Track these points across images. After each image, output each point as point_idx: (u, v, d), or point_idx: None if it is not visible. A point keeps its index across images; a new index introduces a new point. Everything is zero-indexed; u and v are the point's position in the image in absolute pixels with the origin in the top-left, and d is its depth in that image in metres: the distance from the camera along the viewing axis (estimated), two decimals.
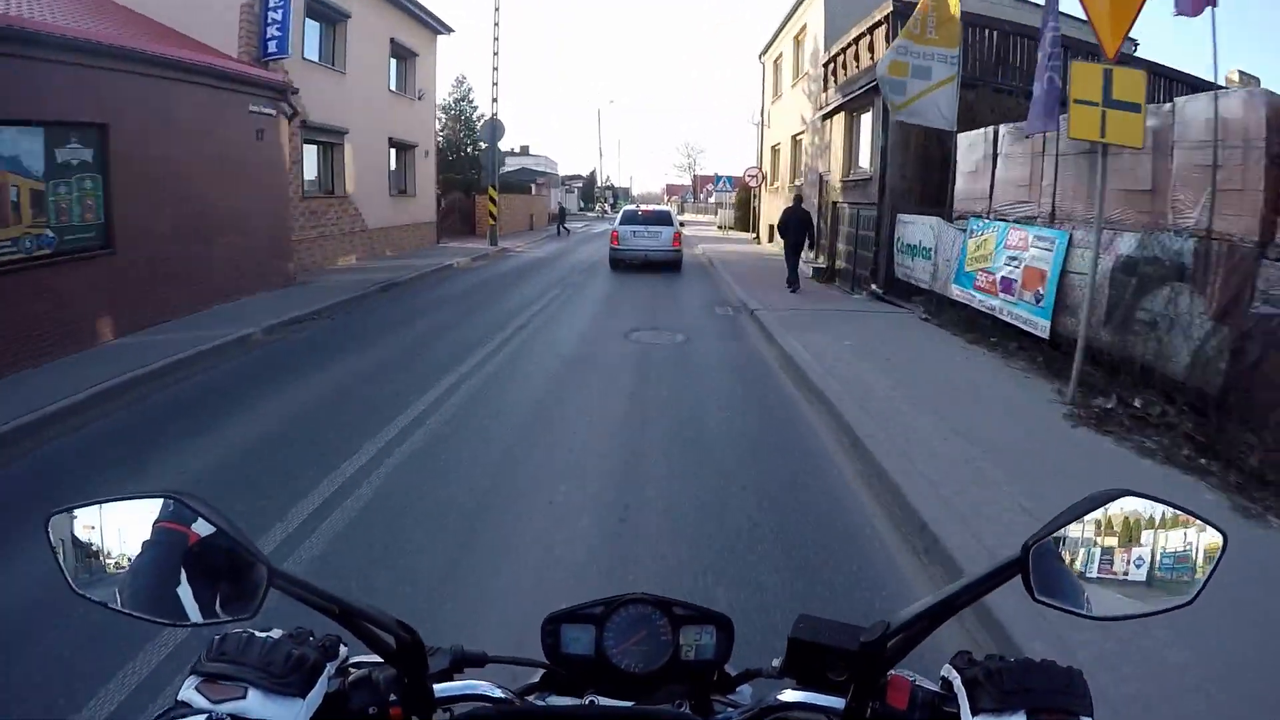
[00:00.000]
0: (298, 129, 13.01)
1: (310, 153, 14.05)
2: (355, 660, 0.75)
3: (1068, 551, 0.68)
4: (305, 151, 13.61)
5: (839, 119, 12.68)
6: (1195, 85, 9.24)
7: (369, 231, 15.86)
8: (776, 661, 0.78)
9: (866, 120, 11.59)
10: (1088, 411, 5.11)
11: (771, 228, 21.39)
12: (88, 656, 2.46)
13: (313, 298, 10.05)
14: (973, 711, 0.63)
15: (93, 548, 0.67)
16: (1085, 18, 5.15)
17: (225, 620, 0.66)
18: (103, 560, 0.67)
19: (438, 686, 0.76)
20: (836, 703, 0.72)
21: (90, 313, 7.17)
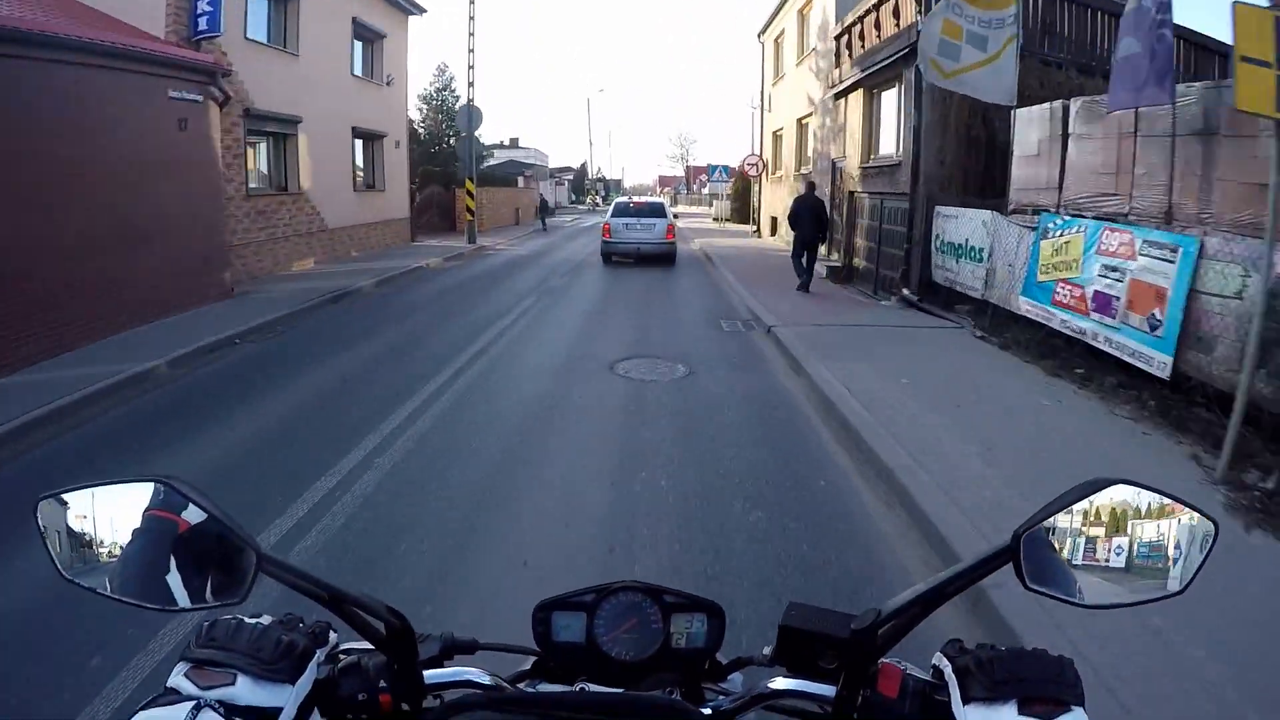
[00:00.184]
0: (240, 118, 11.46)
1: (256, 145, 12.50)
2: (345, 647, 0.76)
3: (1059, 540, 0.68)
4: (250, 144, 12.06)
5: (856, 98, 11.18)
6: None
7: (330, 231, 14.32)
8: (767, 649, 0.77)
9: (891, 97, 10.10)
10: (1245, 495, 3.67)
11: (774, 220, 19.93)
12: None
13: (248, 313, 8.54)
14: (963, 700, 0.63)
15: (82, 533, 0.67)
16: None
17: (214, 605, 0.66)
18: (92, 547, 0.67)
19: (428, 673, 0.75)
20: (828, 691, 0.72)
21: None
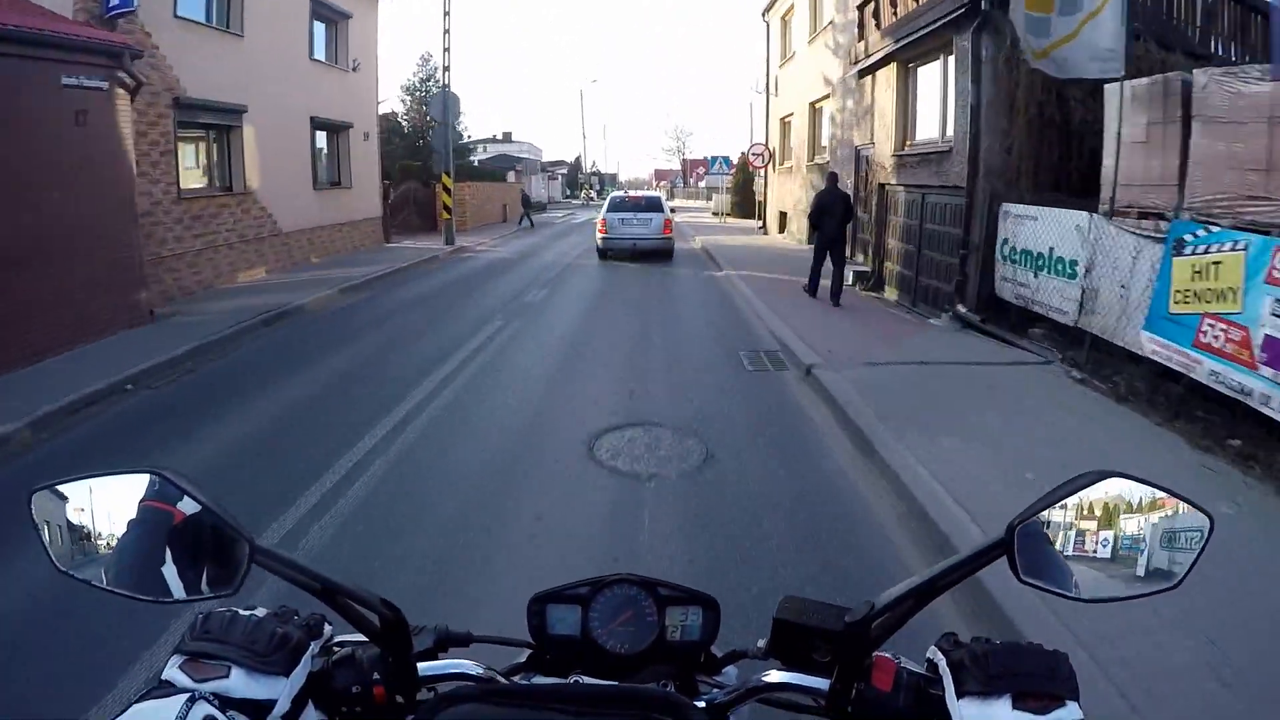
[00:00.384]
0: (168, 109, 9.88)
1: (191, 139, 10.91)
2: (340, 639, 0.76)
3: (1054, 532, 0.68)
4: (183, 138, 10.48)
5: (886, 75, 9.60)
6: None
7: (284, 235, 12.74)
8: (762, 642, 0.77)
9: (933, 72, 8.53)
10: None
11: (783, 215, 18.34)
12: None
13: (159, 345, 6.99)
14: (958, 694, 0.63)
15: (77, 525, 0.67)
16: None
17: (208, 597, 0.66)
18: (87, 538, 0.67)
19: (422, 665, 0.76)
20: (821, 684, 0.72)
21: None
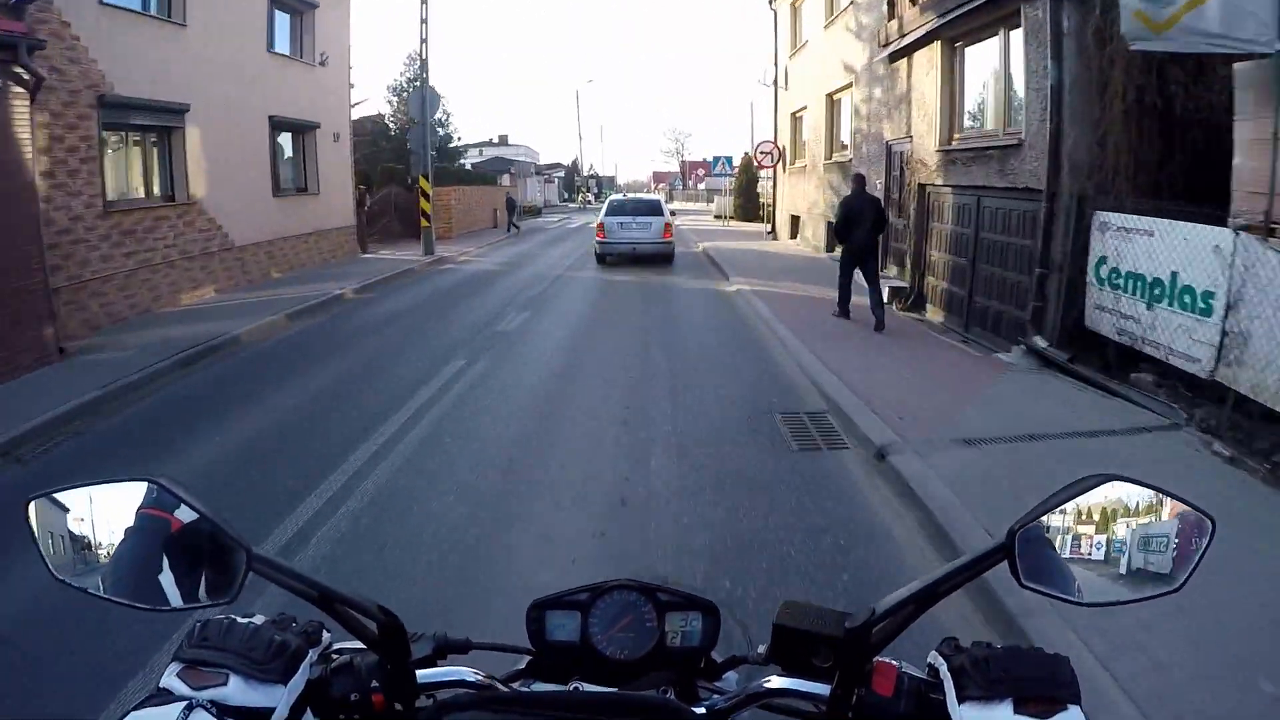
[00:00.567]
0: (91, 108, 8.54)
1: (123, 144, 9.59)
2: (338, 647, 0.76)
3: (1054, 536, 0.68)
4: (110, 142, 9.16)
5: (927, 56, 8.25)
6: None
7: (237, 249, 11.40)
8: (762, 648, 0.77)
9: (990, 49, 7.18)
10: None
11: (795, 220, 16.99)
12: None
13: (51, 396, 5.64)
14: (959, 699, 0.63)
15: (74, 534, 0.67)
16: None
17: (206, 605, 0.66)
18: (85, 547, 0.67)
19: (420, 673, 0.76)
20: (822, 689, 0.72)
21: None
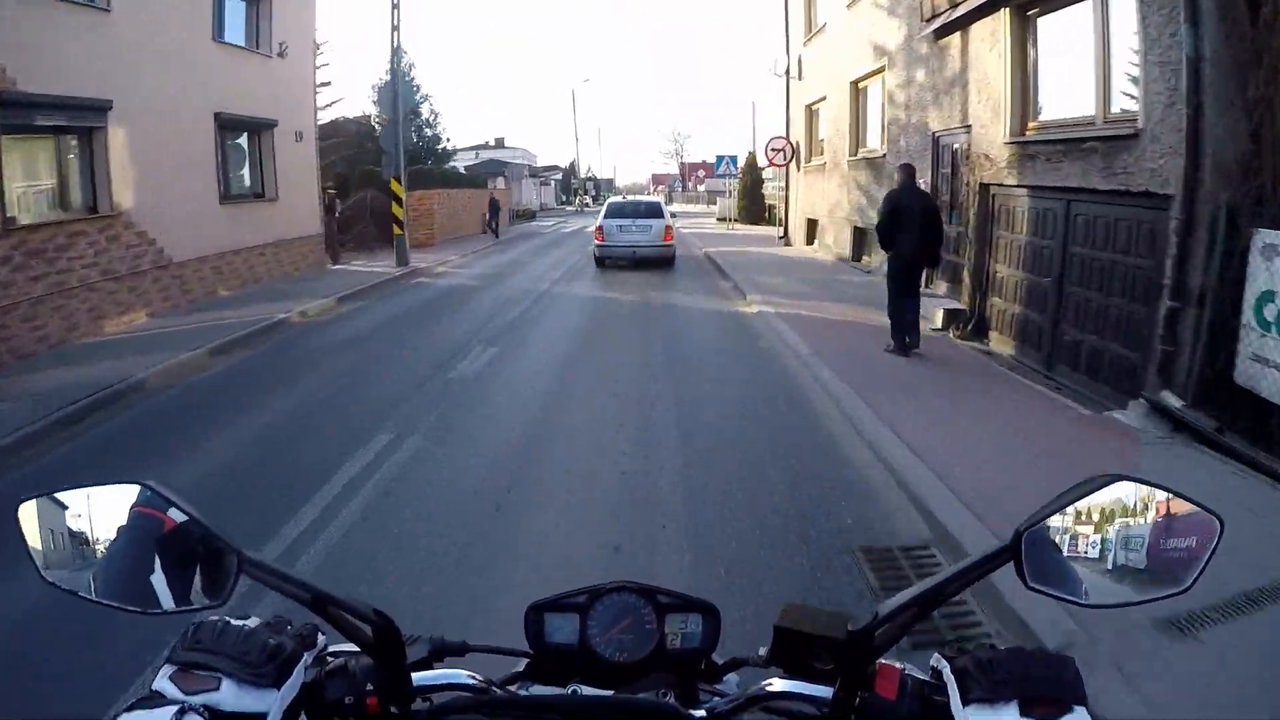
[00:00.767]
0: None
1: (28, 149, 8.17)
2: (333, 650, 0.76)
3: (1061, 537, 0.67)
4: (12, 147, 7.74)
5: (989, 27, 6.80)
6: None
7: (175, 266, 9.97)
8: (763, 650, 0.77)
9: (1076, 17, 5.73)
10: None
11: (811, 224, 15.52)
12: None
13: None
14: (963, 701, 0.63)
15: (65, 535, 0.67)
16: None
17: (197, 608, 0.67)
18: (75, 549, 0.67)
19: (416, 676, 0.75)
20: (824, 692, 0.72)
21: None
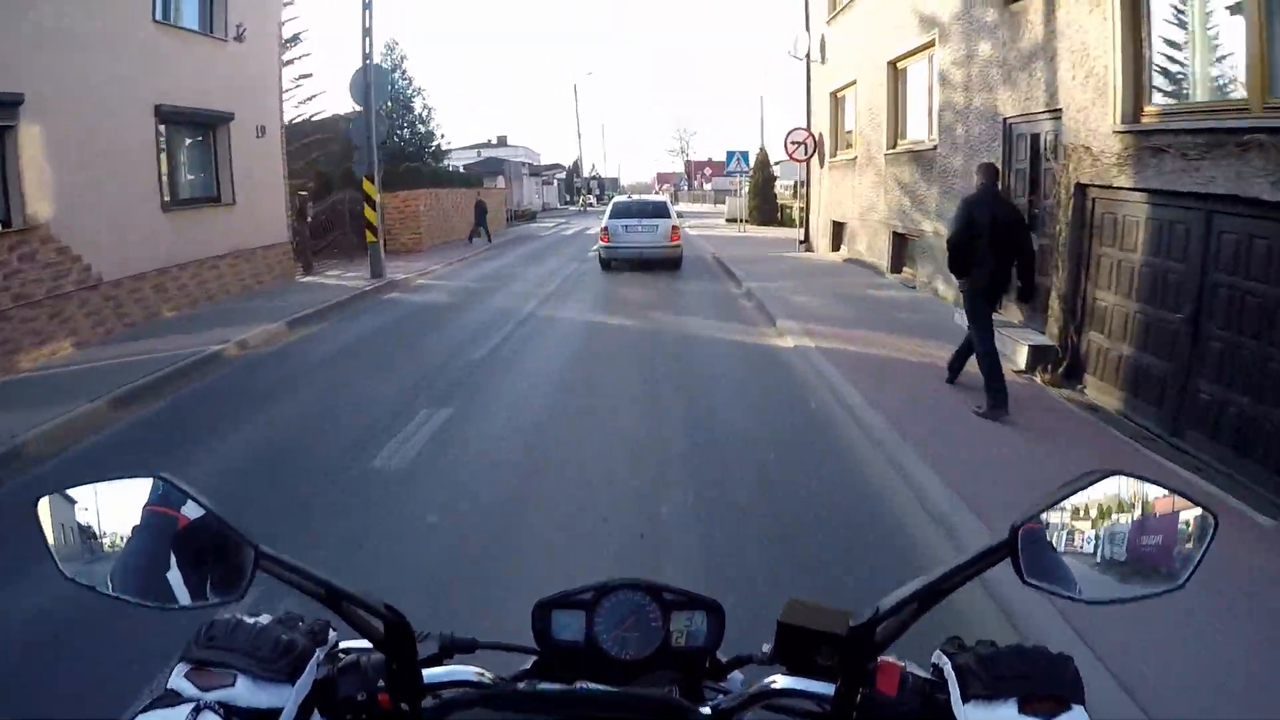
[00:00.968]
0: None
1: None
2: (345, 646, 0.77)
3: (1057, 533, 0.69)
4: None
5: None
6: None
7: (108, 286, 8.74)
8: (766, 647, 0.79)
9: None
10: None
11: (838, 227, 14.14)
12: None
13: None
14: (963, 698, 0.64)
15: (82, 531, 0.69)
16: None
17: (214, 603, 0.68)
18: (93, 545, 0.69)
19: (427, 672, 0.77)
20: (827, 689, 0.73)
21: None
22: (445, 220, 20.09)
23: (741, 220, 24.50)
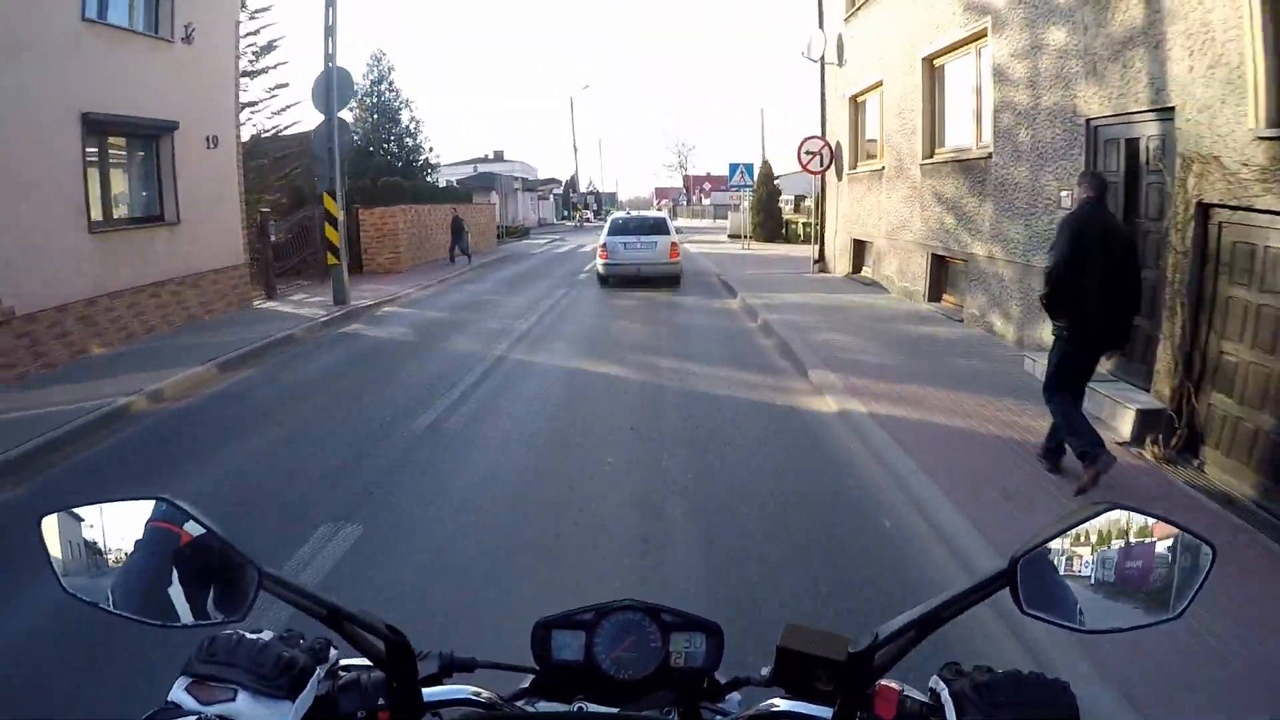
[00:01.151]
0: None
1: None
2: (345, 663, 0.79)
3: (1056, 564, 0.70)
4: None
5: None
6: None
7: (21, 321, 7.59)
8: (765, 670, 0.79)
9: None
10: None
11: (859, 246, 13.04)
12: None
13: None
14: None
15: (85, 548, 0.70)
16: None
17: (216, 621, 0.69)
18: (95, 560, 0.70)
19: (427, 691, 0.78)
20: (825, 712, 0.75)
21: None
22: (428, 238, 18.99)
23: (745, 236, 23.67)
